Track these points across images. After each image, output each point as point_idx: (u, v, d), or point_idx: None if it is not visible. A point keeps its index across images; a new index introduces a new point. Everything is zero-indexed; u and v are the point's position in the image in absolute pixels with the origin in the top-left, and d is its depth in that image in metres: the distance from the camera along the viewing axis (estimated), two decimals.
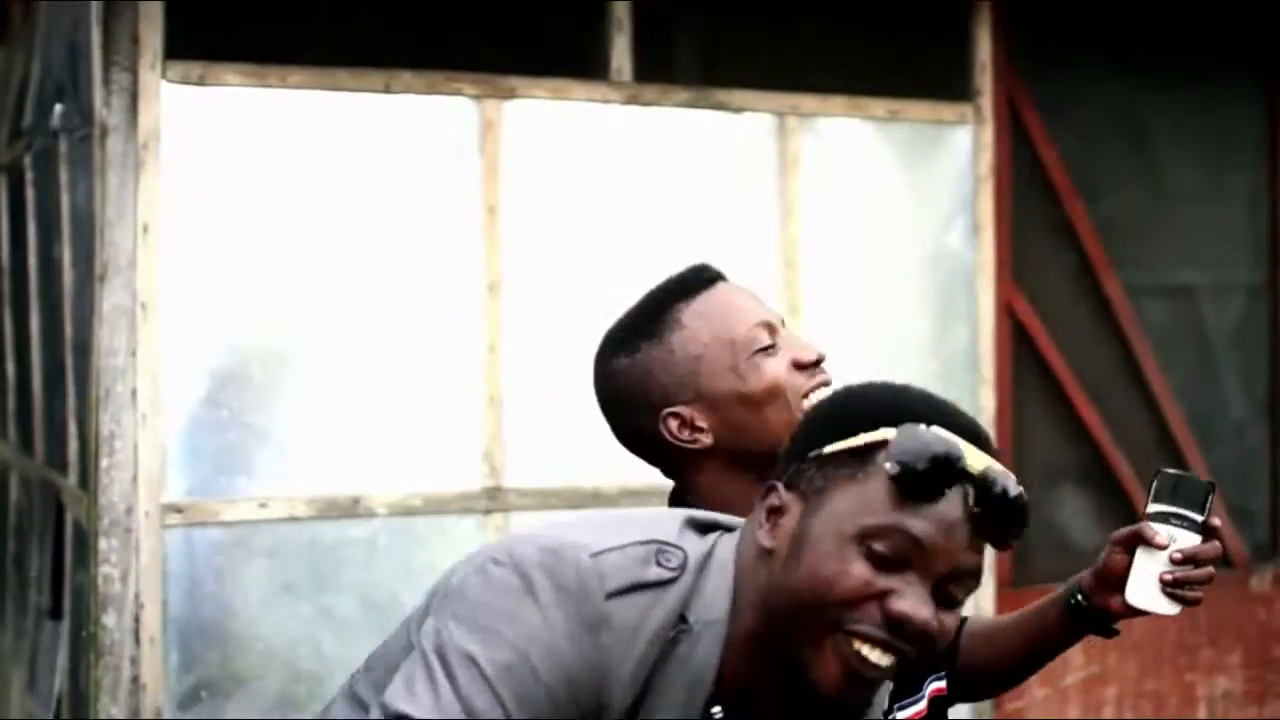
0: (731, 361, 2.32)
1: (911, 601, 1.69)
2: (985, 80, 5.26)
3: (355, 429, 4.44)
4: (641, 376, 2.34)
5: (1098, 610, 2.30)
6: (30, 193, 5.61)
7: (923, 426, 1.73)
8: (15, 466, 6.21)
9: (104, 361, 4.20)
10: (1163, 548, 2.24)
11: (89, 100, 4.38)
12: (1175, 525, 2.26)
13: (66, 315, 4.87)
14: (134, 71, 4.22)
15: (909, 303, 5.14)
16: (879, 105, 5.10)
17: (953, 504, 1.71)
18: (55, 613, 5.13)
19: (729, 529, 1.83)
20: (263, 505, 4.32)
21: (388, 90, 4.50)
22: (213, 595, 4.29)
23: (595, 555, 1.72)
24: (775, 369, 2.30)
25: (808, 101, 4.99)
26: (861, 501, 1.71)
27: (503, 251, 4.60)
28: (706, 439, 2.30)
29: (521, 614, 1.69)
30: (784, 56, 5.12)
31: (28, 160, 5.64)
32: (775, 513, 1.75)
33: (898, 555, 1.70)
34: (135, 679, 4.20)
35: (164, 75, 4.26)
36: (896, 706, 2.45)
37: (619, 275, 4.76)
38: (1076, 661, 5.45)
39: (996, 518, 1.72)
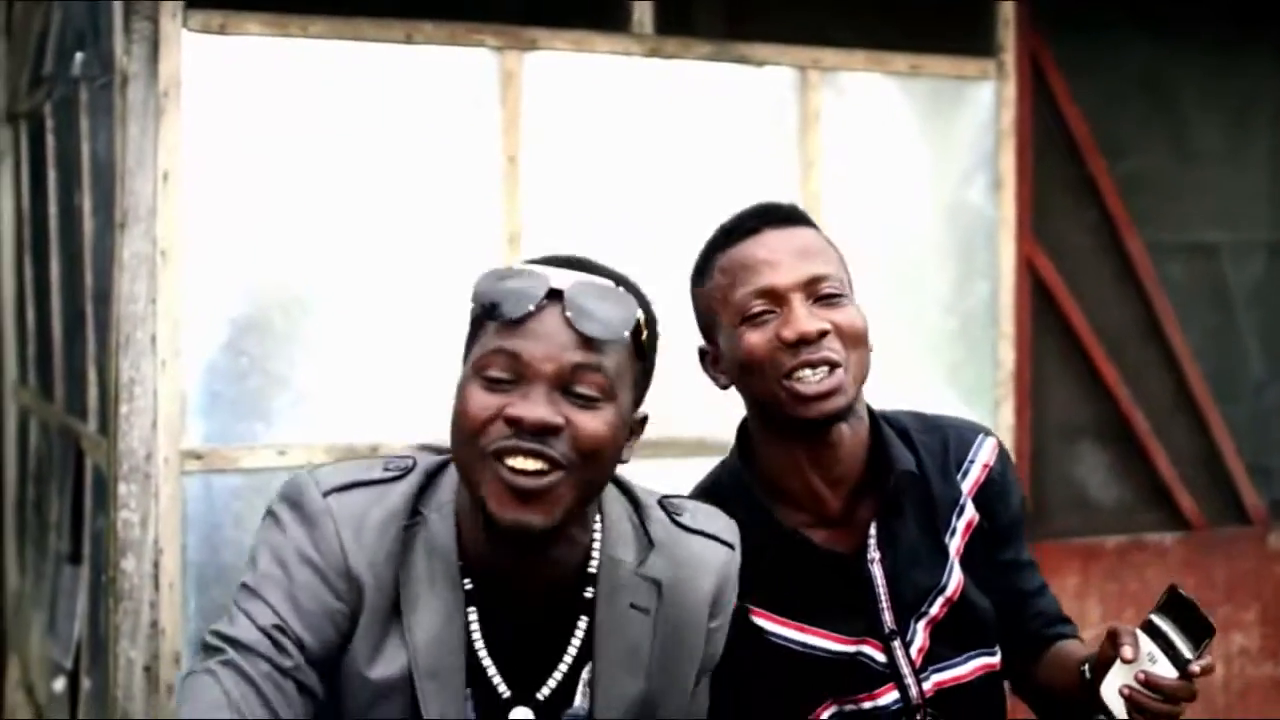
0: (730, 322, 2.43)
1: (524, 405, 1.94)
2: (1008, 36, 5.24)
3: (374, 377, 4.45)
4: (696, 309, 2.56)
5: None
6: (51, 141, 5.62)
7: (497, 268, 2.06)
8: (36, 412, 6.23)
9: (124, 309, 4.21)
10: (1129, 661, 2.28)
11: (110, 48, 4.38)
12: (1162, 646, 2.28)
13: (87, 263, 4.88)
14: (155, 20, 4.22)
15: (929, 258, 5.13)
16: (901, 60, 5.08)
17: (543, 317, 1.99)
18: (75, 558, 5.16)
19: None
20: (281, 452, 4.33)
21: (409, 41, 4.50)
22: (231, 541, 4.30)
23: (316, 470, 2.04)
24: (754, 342, 2.40)
25: (829, 56, 4.98)
26: (473, 348, 2.02)
27: (523, 202, 4.60)
28: (723, 379, 2.53)
29: (271, 539, 2.01)
30: (806, 10, 5.10)
31: (48, 108, 5.65)
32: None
33: (506, 372, 1.97)
34: (154, 623, 4.22)
35: (185, 24, 4.25)
36: (932, 669, 2.48)
37: (638, 227, 4.76)
38: (1093, 617, 5.45)
39: (585, 320, 2.01)
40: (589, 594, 2.09)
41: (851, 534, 2.47)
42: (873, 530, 2.46)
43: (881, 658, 2.46)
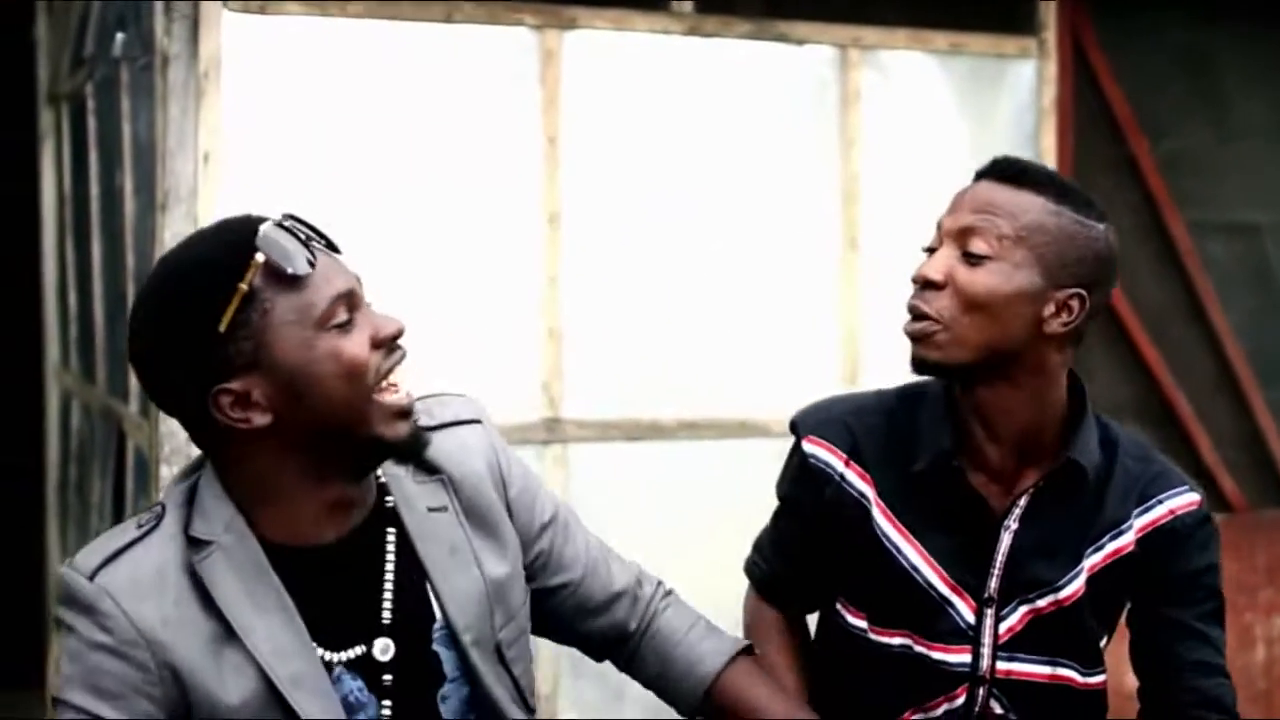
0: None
1: (384, 319, 2.08)
2: (1049, 14, 5.21)
3: (414, 359, 4.44)
4: None
5: None
6: (92, 122, 5.63)
7: (260, 233, 1.97)
8: (77, 395, 6.25)
9: None
10: None
11: (150, 29, 4.39)
12: None
13: (128, 244, 4.89)
14: (195, 0, 4.22)
15: None
16: (942, 38, 5.06)
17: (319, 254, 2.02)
18: None
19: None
20: None
21: (448, 20, 4.49)
22: None
23: (73, 562, 2.00)
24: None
25: (870, 34, 4.96)
26: (291, 313, 1.96)
27: (563, 183, 4.60)
28: None
29: (65, 646, 1.98)
30: None
31: (89, 89, 5.66)
32: (239, 403, 1.96)
33: (349, 311, 2.02)
34: None
35: (225, 3, 4.26)
36: (1012, 655, 2.49)
37: (678, 207, 4.75)
38: None
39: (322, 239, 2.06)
40: (389, 502, 2.13)
41: (1005, 496, 2.47)
42: (1023, 501, 2.46)
43: (970, 617, 2.46)
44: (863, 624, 2.53)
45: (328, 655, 2.04)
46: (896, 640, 2.49)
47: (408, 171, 4.46)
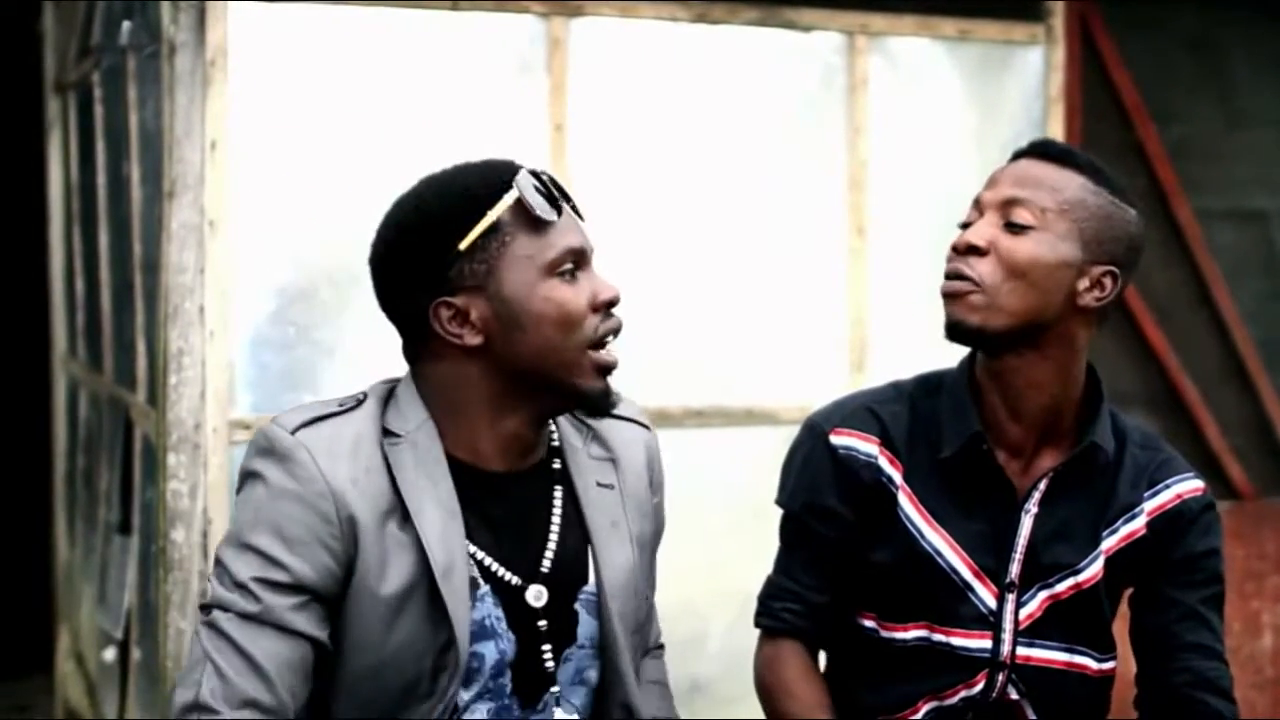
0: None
1: (606, 284, 2.20)
2: (1057, 1, 5.20)
3: None
4: None
5: None
6: (99, 110, 5.63)
7: (519, 175, 2.16)
8: (85, 383, 6.26)
9: (172, 279, 4.21)
10: None
11: (157, 17, 4.38)
12: None
13: (135, 233, 4.89)
14: None
15: None
16: (949, 24, 5.05)
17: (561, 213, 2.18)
18: (124, 528, 5.18)
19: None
20: None
21: (455, 7, 4.49)
22: None
23: (276, 418, 2.15)
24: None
25: (877, 20, 4.95)
26: (527, 250, 2.14)
27: (569, 170, 4.59)
28: None
29: (253, 492, 2.10)
30: None
31: (96, 78, 5.65)
32: (457, 318, 2.13)
33: (576, 265, 2.16)
34: (203, 593, 4.23)
35: None
36: (1031, 641, 2.50)
37: (686, 194, 4.75)
38: None
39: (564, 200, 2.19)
40: (557, 465, 2.26)
41: (1025, 478, 2.50)
42: (1042, 485, 2.49)
43: (991, 603, 2.47)
44: (871, 623, 2.54)
45: (486, 560, 2.16)
46: (911, 633, 2.50)
47: (415, 160, 4.42)
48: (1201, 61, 5.76)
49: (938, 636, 2.49)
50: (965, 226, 2.47)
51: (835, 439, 2.54)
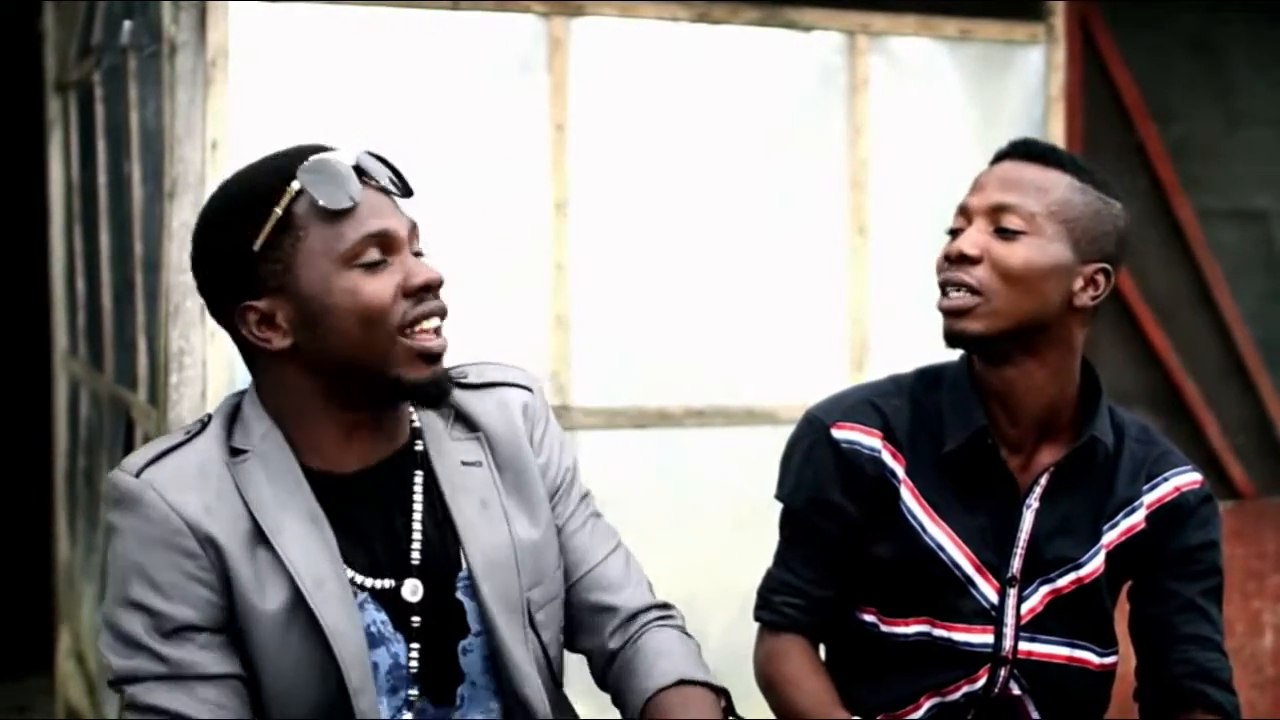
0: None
1: (419, 267, 2.08)
2: (1058, 0, 5.20)
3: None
4: None
5: None
6: (100, 110, 5.63)
7: (307, 162, 2.09)
8: (86, 383, 6.26)
9: (173, 278, 4.21)
10: None
11: (158, 17, 4.38)
12: None
13: (136, 232, 4.89)
14: None
15: None
16: (950, 24, 5.05)
17: (366, 193, 2.09)
18: None
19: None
20: None
21: (456, 6, 4.49)
22: None
23: (121, 463, 2.06)
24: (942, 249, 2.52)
25: (878, 20, 4.95)
26: (321, 244, 2.03)
27: (570, 170, 4.59)
28: None
29: (115, 547, 2.02)
30: None
31: (97, 77, 5.65)
32: (264, 322, 2.05)
33: (382, 252, 2.05)
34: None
35: None
36: (1032, 636, 2.50)
37: (686, 194, 4.75)
38: None
39: (385, 179, 2.14)
40: (419, 446, 2.16)
41: (1026, 473, 2.51)
42: (1043, 480, 2.50)
43: (993, 598, 2.48)
44: (872, 618, 2.54)
45: (356, 577, 2.07)
46: (913, 628, 2.50)
47: (415, 159, 4.43)
48: (1202, 61, 5.76)
49: (939, 631, 2.49)
50: (954, 233, 2.47)
51: (837, 433, 2.53)
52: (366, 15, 4.41)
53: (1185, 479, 2.58)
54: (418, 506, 2.13)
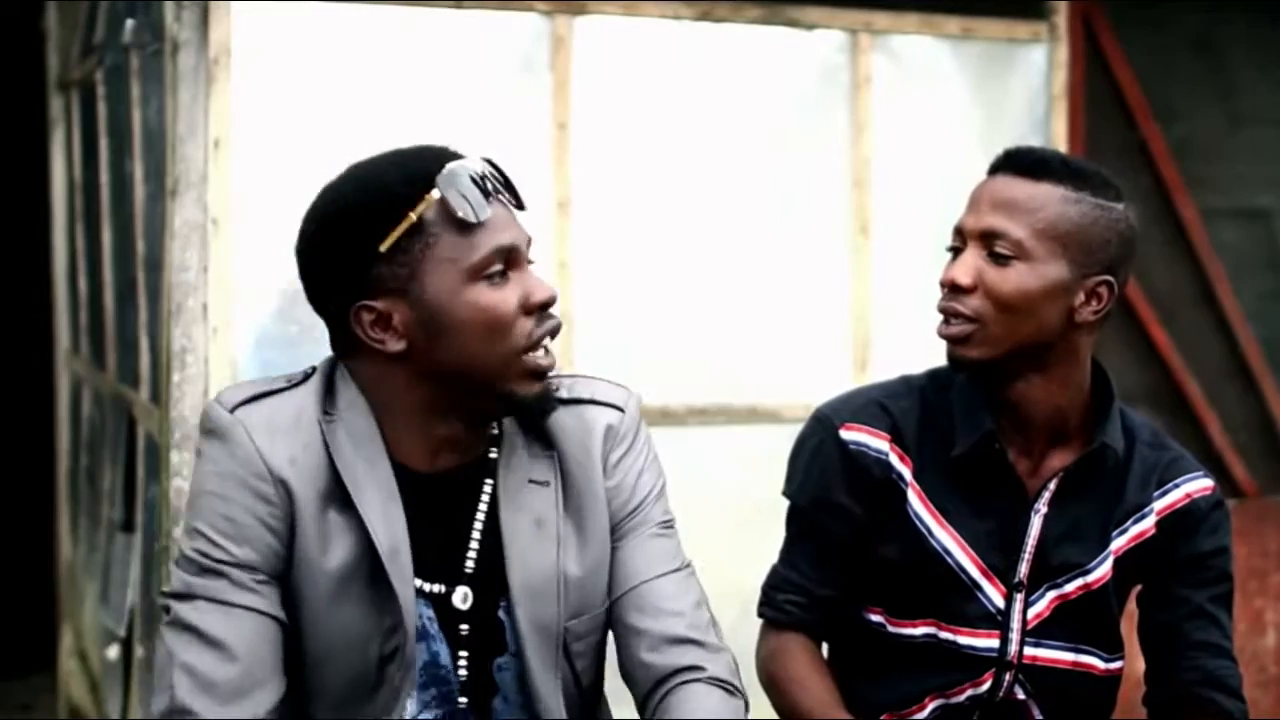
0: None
1: (539, 284, 2.08)
2: None
3: None
4: None
5: None
6: (102, 108, 5.63)
7: (445, 171, 2.08)
8: (88, 381, 6.26)
9: (175, 277, 4.21)
10: None
11: (160, 15, 4.38)
12: None
13: (138, 231, 4.89)
14: None
15: None
16: (952, 23, 5.04)
17: (495, 207, 2.09)
18: (128, 526, 5.18)
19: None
20: None
21: (459, 5, 4.49)
22: None
23: (219, 395, 2.10)
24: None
25: (880, 19, 4.95)
26: (450, 253, 2.03)
27: (573, 169, 4.59)
28: None
29: (198, 472, 2.07)
30: None
31: (99, 76, 5.65)
32: (379, 323, 2.04)
33: (506, 266, 2.06)
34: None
35: None
36: (1038, 641, 2.50)
37: (689, 193, 4.75)
38: None
39: (509, 192, 2.14)
40: (494, 455, 2.16)
41: (1035, 478, 2.50)
42: (1052, 485, 2.49)
43: (999, 602, 2.47)
44: (879, 618, 2.53)
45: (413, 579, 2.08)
46: (919, 630, 2.50)
47: None
48: (1205, 60, 5.76)
49: (945, 634, 2.49)
50: (954, 251, 2.45)
51: (846, 434, 2.52)
52: (369, 14, 4.40)
53: (1197, 485, 2.57)
54: (480, 516, 2.14)
